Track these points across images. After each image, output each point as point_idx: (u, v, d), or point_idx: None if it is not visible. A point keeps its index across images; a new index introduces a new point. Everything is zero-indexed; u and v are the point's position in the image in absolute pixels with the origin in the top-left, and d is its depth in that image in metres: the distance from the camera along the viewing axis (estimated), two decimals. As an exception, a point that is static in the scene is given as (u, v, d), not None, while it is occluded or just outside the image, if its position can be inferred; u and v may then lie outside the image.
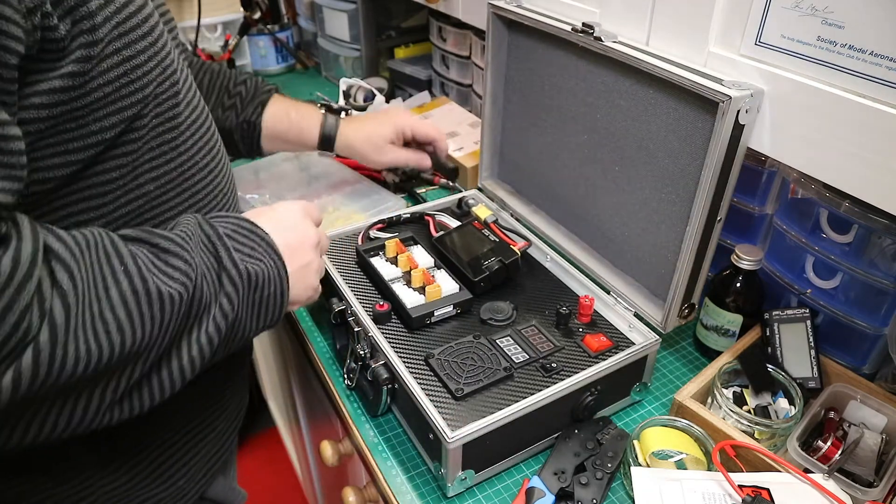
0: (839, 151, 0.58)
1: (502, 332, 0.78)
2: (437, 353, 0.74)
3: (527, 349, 0.75)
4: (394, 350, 0.73)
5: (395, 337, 0.77)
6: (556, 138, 0.91)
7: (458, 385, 0.70)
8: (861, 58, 0.55)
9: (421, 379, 0.71)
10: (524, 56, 0.92)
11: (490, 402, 0.69)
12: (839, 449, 0.69)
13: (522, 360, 0.74)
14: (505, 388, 0.71)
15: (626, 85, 0.76)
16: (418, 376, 0.71)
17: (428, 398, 0.67)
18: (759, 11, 0.62)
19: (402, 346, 0.76)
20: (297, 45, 1.83)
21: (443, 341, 0.77)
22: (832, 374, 0.78)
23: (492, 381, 0.71)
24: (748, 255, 0.80)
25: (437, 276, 0.85)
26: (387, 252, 0.89)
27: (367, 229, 0.95)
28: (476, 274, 0.84)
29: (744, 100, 0.62)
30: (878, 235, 0.72)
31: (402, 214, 0.99)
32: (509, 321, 0.80)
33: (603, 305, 0.83)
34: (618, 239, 0.86)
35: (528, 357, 0.74)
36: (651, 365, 0.78)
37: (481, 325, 0.80)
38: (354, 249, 0.91)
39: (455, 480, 0.67)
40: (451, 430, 0.63)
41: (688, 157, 0.71)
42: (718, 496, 0.64)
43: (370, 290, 0.85)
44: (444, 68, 1.42)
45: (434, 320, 0.80)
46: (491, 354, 0.74)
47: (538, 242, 0.94)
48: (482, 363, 0.73)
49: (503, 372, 0.72)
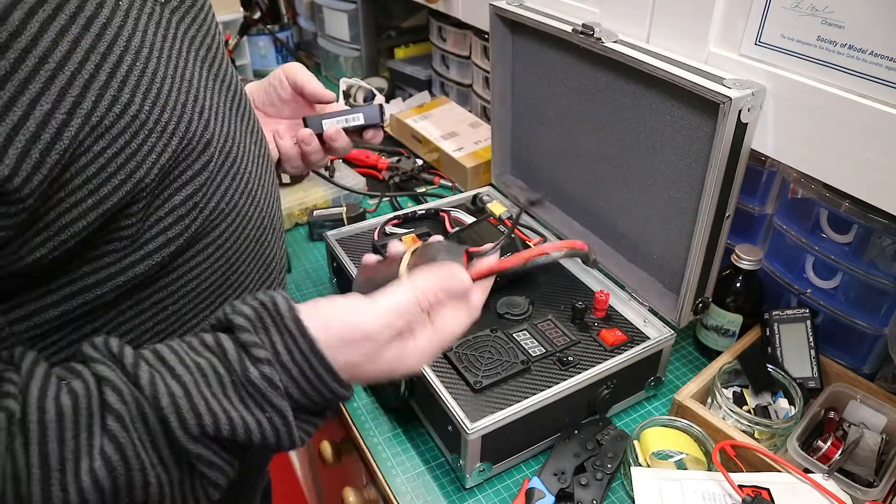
0: (839, 151, 0.58)
1: (519, 326, 0.79)
2: (455, 346, 0.75)
3: (543, 343, 0.76)
4: None
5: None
6: (564, 136, 0.91)
7: (476, 378, 0.71)
8: (861, 58, 0.55)
9: (440, 372, 0.72)
10: (528, 55, 0.92)
11: (508, 395, 0.69)
12: (839, 449, 0.69)
13: (539, 354, 0.75)
14: (522, 381, 0.71)
15: (629, 85, 0.76)
16: (437, 369, 0.72)
17: (447, 390, 0.68)
18: (759, 11, 0.62)
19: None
20: (297, 45, 1.83)
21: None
22: (832, 374, 0.78)
23: (509, 374, 0.71)
24: (748, 255, 0.80)
25: None
26: None
27: (383, 225, 0.96)
28: None
29: (745, 99, 0.62)
30: (878, 235, 0.72)
31: (418, 211, 1.00)
32: (526, 315, 0.81)
33: (618, 300, 0.84)
34: (630, 235, 0.86)
35: (544, 351, 0.75)
36: (666, 359, 0.78)
37: (498, 320, 0.81)
38: (371, 244, 0.92)
39: (473, 472, 0.68)
40: (471, 422, 0.64)
41: (693, 156, 0.71)
42: (718, 496, 0.64)
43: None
44: (444, 68, 1.42)
45: None
46: (508, 348, 0.75)
47: (552, 238, 0.95)
48: (500, 356, 0.74)
49: (520, 365, 0.72)
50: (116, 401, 0.38)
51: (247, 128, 0.56)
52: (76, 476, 0.37)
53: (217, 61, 0.52)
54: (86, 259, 0.42)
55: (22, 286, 0.41)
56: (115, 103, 0.39)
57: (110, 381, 0.39)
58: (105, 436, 0.38)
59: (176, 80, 0.44)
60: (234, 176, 0.51)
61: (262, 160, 0.58)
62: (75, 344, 0.45)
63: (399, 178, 1.23)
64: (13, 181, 0.34)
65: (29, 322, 0.43)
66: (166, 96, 0.43)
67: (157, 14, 0.44)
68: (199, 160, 0.46)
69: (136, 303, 0.47)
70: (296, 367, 0.43)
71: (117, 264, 0.44)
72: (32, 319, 0.43)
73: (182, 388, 0.40)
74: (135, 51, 0.40)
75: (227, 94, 0.53)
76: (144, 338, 0.49)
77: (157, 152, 0.42)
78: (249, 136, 0.56)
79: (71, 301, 0.43)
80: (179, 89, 0.44)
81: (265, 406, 0.42)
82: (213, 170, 0.48)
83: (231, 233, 0.52)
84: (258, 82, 0.77)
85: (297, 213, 1.13)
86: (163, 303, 0.49)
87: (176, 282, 0.49)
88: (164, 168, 0.43)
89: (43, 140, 0.35)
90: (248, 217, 0.54)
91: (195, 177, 0.46)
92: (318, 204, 1.14)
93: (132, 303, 0.47)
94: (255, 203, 0.55)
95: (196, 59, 0.48)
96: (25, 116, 0.35)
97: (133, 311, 0.47)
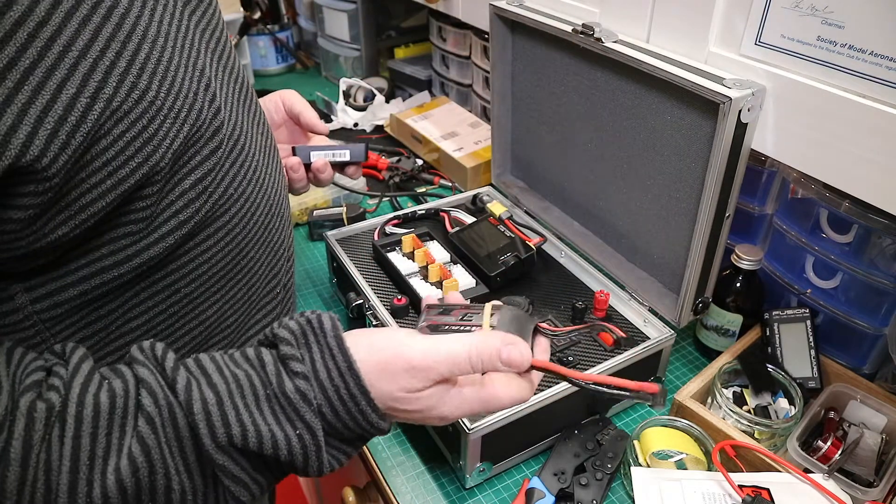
0: (839, 151, 0.58)
1: None
2: None
3: None
4: None
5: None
6: (564, 136, 0.91)
7: None
8: (861, 58, 0.55)
9: None
10: (528, 55, 0.92)
11: None
12: (839, 449, 0.69)
13: None
14: None
15: (629, 85, 0.76)
16: None
17: None
18: (759, 11, 0.61)
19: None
20: (297, 45, 1.83)
21: (460, 335, 0.78)
22: (832, 374, 0.78)
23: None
24: (748, 255, 0.80)
25: (453, 271, 0.87)
26: (403, 247, 0.90)
27: (383, 225, 0.96)
28: (492, 269, 0.85)
29: (745, 99, 0.62)
30: (878, 235, 0.72)
31: (418, 211, 1.00)
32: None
33: (618, 300, 0.84)
34: (630, 235, 0.86)
35: None
36: (666, 359, 0.79)
37: None
38: (371, 244, 0.92)
39: (473, 472, 0.68)
40: (471, 422, 0.64)
41: (693, 156, 0.71)
42: (718, 496, 0.64)
43: (387, 284, 0.86)
44: (444, 68, 1.42)
45: None
46: None
47: (552, 238, 0.95)
48: None
49: None
50: (150, 403, 0.40)
51: (254, 119, 0.57)
52: (102, 472, 0.38)
53: (226, 53, 0.53)
54: (104, 241, 0.44)
55: (44, 266, 0.43)
56: (134, 89, 0.40)
57: (148, 383, 0.40)
58: (135, 437, 0.39)
59: (189, 69, 0.45)
60: (242, 163, 0.52)
61: (269, 150, 0.59)
62: (92, 325, 0.47)
63: (399, 178, 1.23)
64: (42, 161, 0.36)
65: (50, 300, 0.44)
66: (180, 83, 0.44)
67: (171, 5, 0.45)
68: (209, 146, 0.48)
69: (150, 284, 0.48)
70: (331, 384, 0.42)
71: (133, 246, 0.45)
72: (53, 298, 0.44)
73: (215, 396, 0.40)
74: (151, 39, 0.42)
75: (236, 86, 0.54)
76: (158, 319, 0.50)
77: (171, 137, 0.43)
78: (256, 126, 0.57)
79: (90, 280, 0.45)
80: (192, 78, 0.45)
81: (296, 421, 0.42)
82: (221, 156, 0.49)
83: (240, 218, 0.53)
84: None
85: (297, 213, 1.13)
86: (175, 285, 0.50)
87: (188, 265, 0.50)
88: (177, 152, 0.44)
89: (69, 122, 0.37)
90: (256, 203, 0.55)
91: (204, 161, 0.47)
92: (318, 204, 1.14)
93: (146, 284, 0.48)
94: (262, 190, 0.56)
95: (207, 50, 0.49)
96: (53, 100, 0.36)
97: (147, 293, 0.49)
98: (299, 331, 0.44)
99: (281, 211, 0.60)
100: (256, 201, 0.55)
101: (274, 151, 0.61)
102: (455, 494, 0.69)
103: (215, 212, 0.50)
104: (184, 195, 0.47)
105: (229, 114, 0.51)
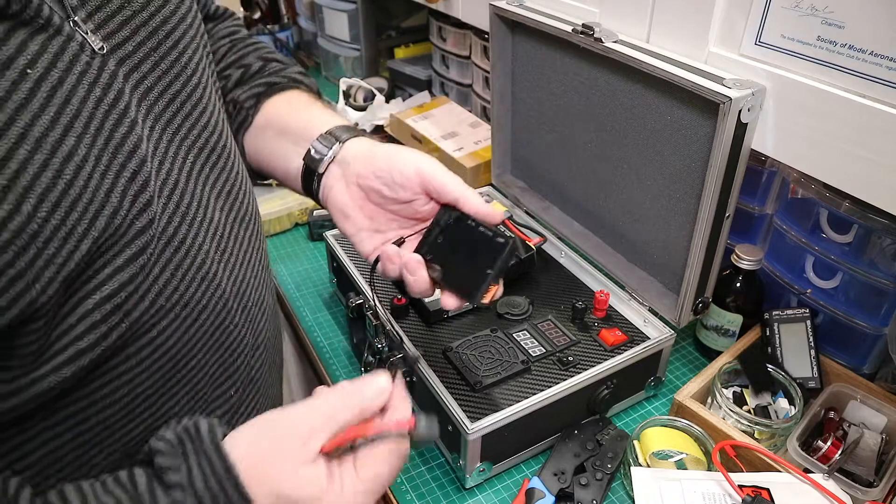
0: (839, 151, 0.58)
1: (519, 326, 0.79)
2: (456, 346, 0.75)
3: (543, 343, 0.76)
4: (412, 343, 0.75)
5: (413, 331, 0.79)
6: (564, 136, 0.91)
7: (476, 378, 0.71)
8: (861, 58, 0.55)
9: (440, 371, 0.72)
10: (528, 55, 0.92)
11: (508, 395, 0.70)
12: (839, 449, 0.69)
13: (539, 354, 0.75)
14: (522, 381, 0.72)
15: (629, 85, 0.76)
16: (437, 369, 0.72)
17: (447, 390, 0.68)
18: (759, 11, 0.61)
19: (420, 339, 0.77)
20: (297, 45, 1.83)
21: (460, 335, 0.78)
22: (832, 373, 0.78)
23: (509, 374, 0.72)
24: (748, 255, 0.80)
25: None
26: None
27: None
28: None
29: (745, 99, 0.62)
30: (878, 235, 0.72)
31: None
32: (525, 315, 0.81)
33: (618, 300, 0.84)
34: (630, 235, 0.86)
35: (544, 350, 0.75)
36: (665, 359, 0.79)
37: (498, 320, 0.81)
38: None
39: (473, 472, 0.68)
40: (471, 422, 0.64)
41: (693, 155, 0.71)
42: (718, 496, 0.64)
43: (387, 284, 0.86)
44: (444, 68, 1.42)
45: (451, 314, 0.81)
46: (508, 348, 0.75)
47: (552, 238, 0.95)
48: (500, 356, 0.74)
49: (520, 365, 0.73)
50: None
51: (213, 189, 0.46)
52: None
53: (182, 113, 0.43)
54: None
55: None
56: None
57: None
58: None
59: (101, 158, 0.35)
60: (181, 263, 0.44)
61: (233, 227, 0.49)
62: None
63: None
64: None
65: None
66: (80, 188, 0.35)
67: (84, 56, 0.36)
68: (125, 252, 0.39)
69: (49, 415, 0.42)
70: (208, 493, 0.39)
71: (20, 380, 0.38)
72: None
73: None
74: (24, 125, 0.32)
75: (192, 155, 0.44)
76: (64, 450, 0.44)
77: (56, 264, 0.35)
78: (218, 200, 0.47)
79: None
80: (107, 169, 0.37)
81: None
82: (147, 260, 0.41)
83: (175, 329, 0.45)
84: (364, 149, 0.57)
85: (297, 213, 1.13)
86: (84, 413, 0.44)
87: (99, 391, 0.43)
88: (70, 276, 0.37)
89: None
90: (203, 307, 0.47)
91: (116, 273, 0.40)
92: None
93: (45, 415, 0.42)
94: (214, 288, 0.47)
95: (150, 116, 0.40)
96: None
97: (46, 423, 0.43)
98: (175, 440, 0.41)
99: (244, 303, 0.50)
100: (203, 304, 0.46)
101: (243, 227, 0.50)
102: (455, 494, 0.69)
103: (137, 330, 0.43)
104: (86, 318, 0.39)
105: (168, 199, 0.42)
